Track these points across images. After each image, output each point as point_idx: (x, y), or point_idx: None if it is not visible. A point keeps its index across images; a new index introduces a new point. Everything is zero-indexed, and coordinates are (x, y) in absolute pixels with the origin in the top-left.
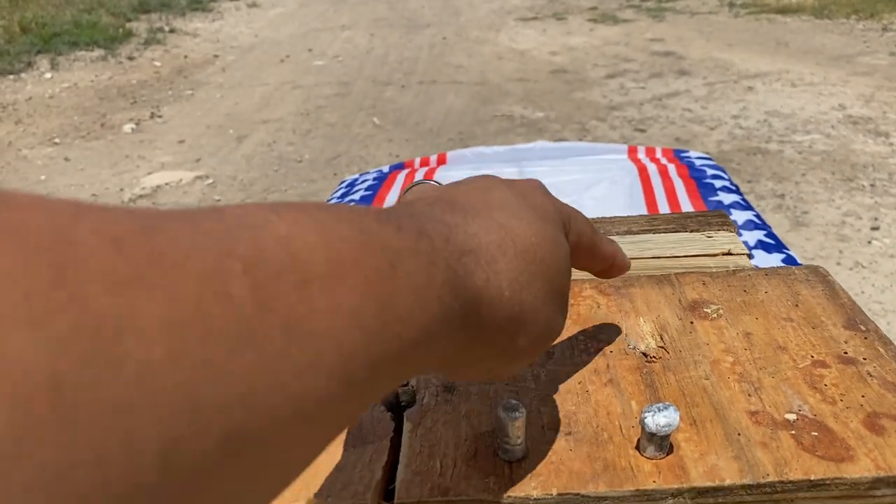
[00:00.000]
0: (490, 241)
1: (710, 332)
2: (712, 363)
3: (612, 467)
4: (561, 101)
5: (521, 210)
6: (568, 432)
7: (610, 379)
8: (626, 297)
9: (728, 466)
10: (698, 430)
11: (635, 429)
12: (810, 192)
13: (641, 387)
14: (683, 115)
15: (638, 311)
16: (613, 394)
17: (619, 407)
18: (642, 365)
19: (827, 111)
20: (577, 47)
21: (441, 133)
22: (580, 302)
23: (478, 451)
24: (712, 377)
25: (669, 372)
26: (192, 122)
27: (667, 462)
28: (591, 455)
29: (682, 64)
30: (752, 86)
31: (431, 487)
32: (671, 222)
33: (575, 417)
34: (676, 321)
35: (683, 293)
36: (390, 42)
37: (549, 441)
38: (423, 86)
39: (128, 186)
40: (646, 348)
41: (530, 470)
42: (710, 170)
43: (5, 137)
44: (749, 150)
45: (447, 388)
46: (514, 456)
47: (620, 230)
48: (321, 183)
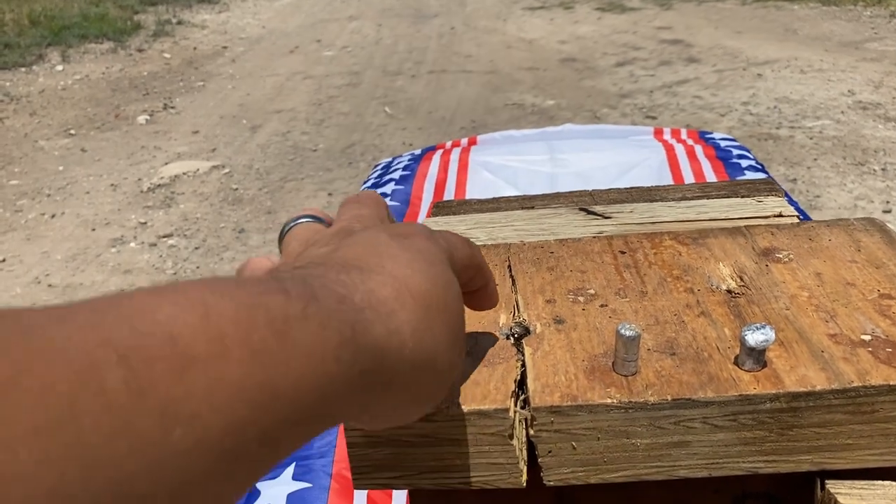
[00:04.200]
0: (387, 295)
1: (784, 273)
2: (790, 297)
3: (717, 378)
4: (571, 89)
5: (410, 259)
6: (672, 353)
7: (702, 311)
8: (704, 245)
9: (816, 376)
10: (786, 349)
11: (731, 349)
12: (822, 177)
13: (731, 317)
14: (693, 103)
15: (716, 257)
16: (707, 323)
17: (714, 332)
18: (728, 300)
19: (836, 97)
20: (585, 36)
21: (453, 121)
22: (662, 251)
23: (594, 368)
24: (792, 308)
25: (753, 304)
26: (206, 113)
27: (763, 374)
28: (696, 370)
29: (690, 51)
30: (762, 73)
31: (561, 395)
32: (722, 189)
33: (676, 342)
34: (753, 265)
35: (755, 242)
36: (398, 32)
37: (657, 360)
38: (433, 75)
39: (146, 176)
40: (728, 287)
41: (644, 382)
42: (735, 150)
43: (21, 129)
44: (760, 135)
45: (557, 321)
46: (629, 371)
47: (675, 196)
48: (337, 171)
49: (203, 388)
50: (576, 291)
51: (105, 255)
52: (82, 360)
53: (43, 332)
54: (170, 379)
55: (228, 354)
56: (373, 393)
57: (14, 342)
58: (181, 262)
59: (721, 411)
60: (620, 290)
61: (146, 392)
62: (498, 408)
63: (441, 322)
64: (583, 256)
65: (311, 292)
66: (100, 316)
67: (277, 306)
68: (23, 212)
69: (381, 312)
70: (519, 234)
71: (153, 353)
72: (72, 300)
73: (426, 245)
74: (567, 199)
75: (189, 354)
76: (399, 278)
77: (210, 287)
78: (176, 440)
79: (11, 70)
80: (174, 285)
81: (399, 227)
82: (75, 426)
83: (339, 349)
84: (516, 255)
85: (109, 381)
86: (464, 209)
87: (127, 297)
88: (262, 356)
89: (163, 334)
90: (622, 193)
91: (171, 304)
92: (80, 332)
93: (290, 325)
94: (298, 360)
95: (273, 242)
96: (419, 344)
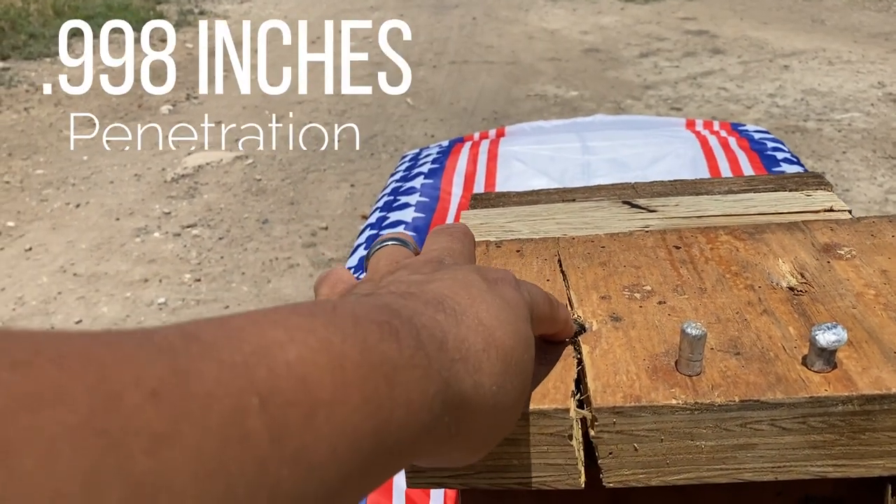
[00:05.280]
0: (476, 347)
1: (847, 270)
2: (856, 295)
3: (785, 379)
4: (594, 80)
5: (499, 309)
6: (736, 353)
7: (764, 310)
8: (762, 241)
9: (891, 378)
10: (856, 350)
11: (798, 349)
12: (851, 170)
13: (795, 315)
14: (719, 94)
15: (775, 253)
16: (770, 321)
17: (779, 332)
18: (791, 297)
19: (866, 89)
20: (608, 26)
21: (475, 112)
22: (719, 246)
23: (657, 367)
24: (859, 306)
25: (818, 303)
26: (228, 103)
27: (833, 375)
28: (763, 370)
29: (715, 42)
30: (788, 64)
31: (623, 396)
32: (769, 182)
33: (739, 341)
34: (814, 261)
35: (815, 237)
36: (419, 23)
37: (721, 360)
38: (454, 66)
39: (169, 166)
40: (789, 284)
41: (710, 382)
42: (770, 142)
43: (46, 119)
44: (787, 128)
45: (613, 318)
46: (694, 371)
47: (721, 189)
48: (359, 162)
49: (328, 433)
50: (631, 287)
51: (129, 244)
52: (231, 405)
53: (196, 373)
54: (302, 424)
55: (348, 402)
56: (446, 440)
57: (176, 388)
58: (205, 252)
59: (790, 413)
60: (678, 286)
61: (283, 438)
62: (558, 408)
63: (516, 380)
64: (636, 251)
65: (417, 335)
66: (240, 355)
67: (391, 354)
68: (48, 201)
69: (470, 364)
70: (561, 228)
71: (288, 397)
72: (98, 290)
73: (514, 296)
74: (609, 191)
75: (317, 399)
76: (488, 328)
77: (332, 325)
78: (306, 489)
79: (37, 60)
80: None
81: (489, 272)
82: (226, 474)
83: (433, 399)
84: (566, 250)
85: (252, 428)
86: (502, 201)
87: (258, 328)
88: (374, 404)
89: (295, 377)
90: (666, 186)
91: (301, 345)
92: (227, 373)
93: (399, 373)
94: (402, 410)
95: (296, 233)
96: (495, 398)
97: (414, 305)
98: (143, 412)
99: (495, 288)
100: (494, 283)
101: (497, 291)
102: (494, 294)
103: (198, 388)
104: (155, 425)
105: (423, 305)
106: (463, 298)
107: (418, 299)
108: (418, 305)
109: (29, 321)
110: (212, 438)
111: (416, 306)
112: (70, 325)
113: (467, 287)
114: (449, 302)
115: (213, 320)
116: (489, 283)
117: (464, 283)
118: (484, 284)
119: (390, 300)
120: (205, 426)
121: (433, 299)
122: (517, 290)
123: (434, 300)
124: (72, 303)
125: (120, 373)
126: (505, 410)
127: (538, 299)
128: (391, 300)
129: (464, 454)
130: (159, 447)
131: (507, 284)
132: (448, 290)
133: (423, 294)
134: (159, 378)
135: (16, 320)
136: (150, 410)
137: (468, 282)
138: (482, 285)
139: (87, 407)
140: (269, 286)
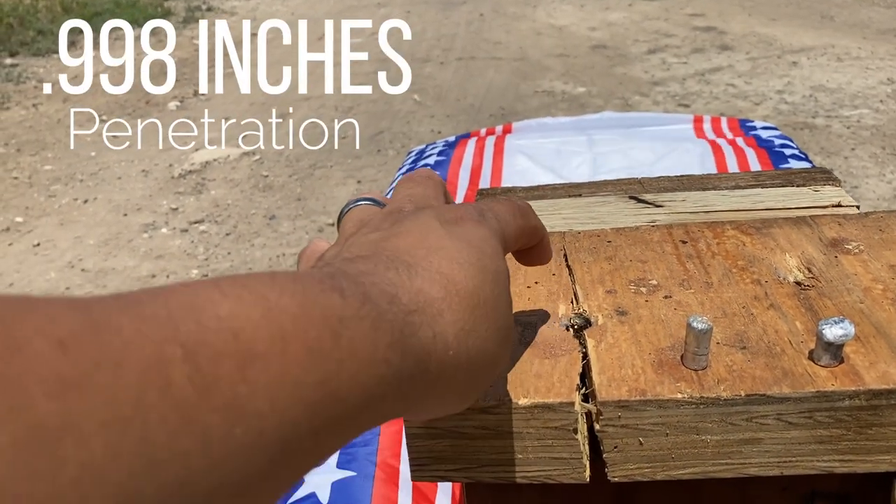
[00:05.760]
0: (434, 296)
1: (855, 265)
2: (864, 290)
3: (791, 374)
4: (602, 76)
5: (458, 251)
6: (742, 347)
7: (771, 304)
8: (769, 235)
9: None
10: (864, 344)
11: (805, 344)
12: (860, 167)
13: (802, 310)
14: (727, 91)
15: (782, 247)
16: (777, 316)
17: (786, 326)
18: (798, 292)
19: (875, 85)
20: (616, 23)
21: (482, 109)
22: (725, 241)
23: (663, 361)
24: (867, 301)
25: (825, 297)
26: (235, 100)
27: (840, 369)
28: (769, 364)
29: (724, 39)
30: (797, 60)
31: (629, 389)
32: (777, 178)
33: (745, 335)
34: (821, 256)
35: (822, 232)
36: (427, 19)
37: (727, 354)
38: (462, 62)
39: (177, 162)
40: (796, 279)
41: (715, 376)
42: (778, 139)
43: (54, 115)
44: (795, 125)
45: (619, 312)
46: (700, 365)
47: (728, 185)
48: (365, 159)
49: (264, 385)
50: (637, 282)
51: (137, 240)
52: (150, 355)
53: (112, 325)
54: (234, 376)
55: (288, 352)
56: (416, 392)
57: (86, 337)
58: (212, 248)
59: (796, 408)
60: (684, 280)
61: (211, 389)
62: (563, 401)
63: (488, 320)
64: (642, 246)
65: (364, 291)
66: (164, 309)
67: (334, 305)
68: (56, 197)
69: (428, 315)
70: (568, 223)
71: (218, 348)
72: (105, 285)
73: (476, 231)
74: (615, 186)
75: (251, 351)
76: (447, 275)
77: (270, 282)
78: (238, 437)
79: (45, 56)
80: (234, 278)
81: (450, 211)
82: (142, 422)
83: (387, 351)
84: (572, 244)
85: (176, 378)
86: (508, 196)
87: (189, 288)
88: (318, 355)
89: (226, 330)
90: (673, 182)
91: (234, 300)
92: (147, 325)
93: (345, 324)
94: (350, 361)
95: (303, 229)
96: (463, 345)
97: (364, 267)
98: (48, 359)
99: (454, 229)
100: (454, 223)
101: (456, 233)
102: (453, 236)
103: (112, 338)
104: (62, 371)
105: (373, 265)
106: (418, 250)
107: (369, 261)
108: (369, 266)
109: None
110: (126, 386)
111: (366, 267)
112: None
113: (424, 236)
114: (403, 257)
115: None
116: (447, 225)
117: (420, 233)
118: (441, 229)
119: (340, 266)
120: (118, 374)
121: (385, 258)
122: (480, 223)
123: (386, 259)
124: None
125: (23, 323)
126: (482, 353)
127: (506, 218)
128: (340, 265)
129: (451, 403)
130: (65, 392)
131: (467, 221)
132: (403, 244)
133: (377, 254)
134: (69, 329)
135: None
136: (55, 358)
137: (425, 229)
138: (440, 230)
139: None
140: None
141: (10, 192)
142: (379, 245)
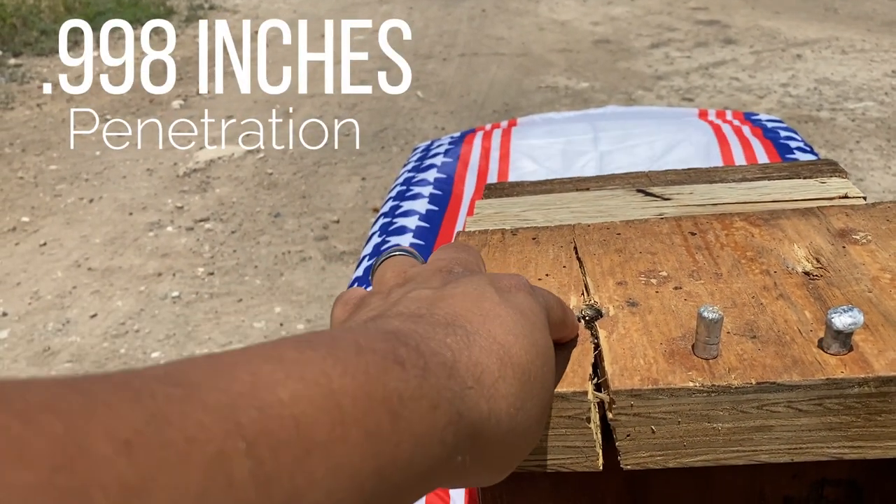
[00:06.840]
0: (491, 368)
1: (863, 255)
2: (872, 280)
3: (801, 362)
4: (605, 71)
5: (514, 322)
6: (752, 336)
7: (780, 294)
8: (777, 227)
9: None
10: (873, 333)
11: (814, 332)
12: (865, 160)
13: (811, 299)
14: (731, 84)
15: (790, 238)
16: (786, 305)
17: (795, 315)
18: (807, 282)
19: (880, 78)
20: (619, 17)
21: (485, 105)
22: (734, 232)
23: (674, 351)
24: (875, 290)
25: (834, 287)
26: (239, 98)
27: (850, 357)
28: (779, 353)
29: (727, 32)
30: (801, 53)
31: (641, 379)
32: (783, 170)
33: (755, 325)
34: (829, 246)
35: (830, 223)
36: (429, 15)
37: (737, 343)
38: (464, 58)
39: (181, 161)
40: (804, 269)
41: (726, 365)
42: (783, 131)
43: (59, 115)
44: (800, 118)
45: (630, 303)
46: (711, 354)
47: (735, 177)
48: (369, 156)
49: (322, 476)
50: (647, 273)
51: (143, 238)
52: (213, 451)
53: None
54: (293, 467)
55: (348, 439)
56: (463, 468)
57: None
58: (218, 246)
59: (806, 395)
60: (694, 272)
61: (272, 483)
62: (576, 391)
63: (535, 397)
64: (651, 238)
65: (424, 364)
66: (226, 395)
67: (394, 383)
68: (62, 196)
69: (484, 387)
70: (576, 217)
71: (280, 438)
72: (112, 283)
73: (529, 304)
74: (623, 180)
75: (312, 439)
76: (503, 345)
77: (332, 359)
78: None
79: (48, 56)
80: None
81: (502, 280)
82: None
83: (444, 432)
84: (581, 237)
85: (237, 475)
86: (517, 191)
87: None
88: (376, 439)
89: (288, 417)
90: (680, 175)
91: (297, 381)
92: (210, 416)
93: (405, 405)
94: (408, 443)
95: (308, 226)
96: (513, 421)
97: (423, 330)
98: (113, 464)
99: (509, 298)
100: (508, 291)
101: (511, 302)
102: (508, 305)
103: (176, 434)
104: (126, 477)
105: (432, 329)
106: (475, 316)
107: (427, 321)
108: (427, 329)
109: (45, 315)
110: (189, 488)
111: (424, 330)
112: (85, 318)
113: (479, 301)
114: (460, 321)
115: (205, 358)
116: (502, 293)
117: (476, 297)
118: (497, 296)
119: (398, 324)
120: (182, 475)
121: (443, 320)
122: (532, 296)
123: (444, 321)
124: (87, 297)
125: (88, 423)
126: (527, 431)
127: (552, 303)
128: (399, 324)
129: (485, 477)
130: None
131: (521, 291)
132: (460, 308)
133: (434, 314)
134: (133, 426)
135: (32, 314)
136: (120, 462)
137: (480, 294)
138: (495, 297)
139: (49, 464)
140: (282, 279)
141: (15, 192)
142: (435, 304)
